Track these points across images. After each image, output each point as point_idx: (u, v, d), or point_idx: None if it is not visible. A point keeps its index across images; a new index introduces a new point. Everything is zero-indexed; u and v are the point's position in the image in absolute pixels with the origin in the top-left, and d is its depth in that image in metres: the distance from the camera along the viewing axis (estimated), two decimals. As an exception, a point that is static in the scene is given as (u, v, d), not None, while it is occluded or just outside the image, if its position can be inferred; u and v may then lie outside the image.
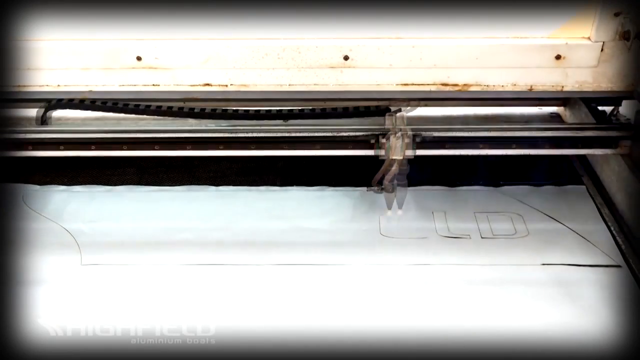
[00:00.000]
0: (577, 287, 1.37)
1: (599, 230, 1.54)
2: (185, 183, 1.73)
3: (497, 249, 1.49)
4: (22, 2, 1.50)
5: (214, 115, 1.61)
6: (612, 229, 1.53)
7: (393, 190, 1.57)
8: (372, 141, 1.51)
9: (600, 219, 1.58)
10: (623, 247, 1.47)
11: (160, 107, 1.62)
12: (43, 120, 1.61)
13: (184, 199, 1.68)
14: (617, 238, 1.50)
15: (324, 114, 1.61)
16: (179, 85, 1.60)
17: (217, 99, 1.71)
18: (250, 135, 1.53)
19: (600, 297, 1.33)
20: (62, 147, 1.53)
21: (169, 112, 1.61)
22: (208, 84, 1.61)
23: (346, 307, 1.32)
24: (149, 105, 1.62)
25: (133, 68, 1.58)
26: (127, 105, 1.61)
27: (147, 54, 1.56)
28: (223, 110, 1.62)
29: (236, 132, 1.53)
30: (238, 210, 1.63)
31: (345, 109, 1.62)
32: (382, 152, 1.50)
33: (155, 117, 1.63)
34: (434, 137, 1.51)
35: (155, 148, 1.53)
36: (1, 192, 1.68)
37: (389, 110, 1.57)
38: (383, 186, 1.56)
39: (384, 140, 1.49)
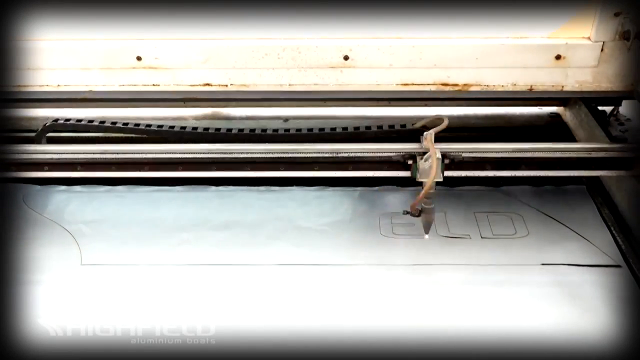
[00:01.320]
0: (577, 287, 1.37)
1: (599, 230, 1.54)
2: (185, 183, 1.73)
3: (497, 249, 1.49)
4: (22, 2, 1.50)
5: (227, 136, 1.56)
6: (612, 229, 1.53)
7: (430, 213, 1.43)
8: (410, 162, 1.42)
9: (600, 219, 1.58)
10: (623, 247, 1.47)
11: (161, 126, 1.58)
12: (39, 141, 1.58)
13: (184, 199, 1.68)
14: (617, 238, 1.50)
15: (352, 134, 1.55)
16: (179, 85, 1.60)
17: (217, 99, 1.72)
18: (274, 155, 1.45)
19: (600, 297, 1.33)
20: (46, 167, 1.47)
21: (166, 133, 1.56)
22: (208, 84, 1.61)
23: (346, 307, 1.32)
24: (141, 125, 1.58)
25: (133, 68, 1.58)
26: (127, 124, 1.58)
27: (147, 54, 1.56)
28: (239, 130, 1.57)
29: (262, 153, 1.45)
30: (238, 210, 1.63)
31: (379, 126, 1.56)
32: (417, 174, 1.41)
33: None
34: (464, 158, 1.43)
35: (146, 169, 1.46)
36: (1, 192, 1.68)
37: (423, 130, 1.47)
38: (420, 209, 1.42)
39: (418, 162, 1.40)
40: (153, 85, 1.61)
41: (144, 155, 1.46)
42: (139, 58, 1.57)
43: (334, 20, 1.53)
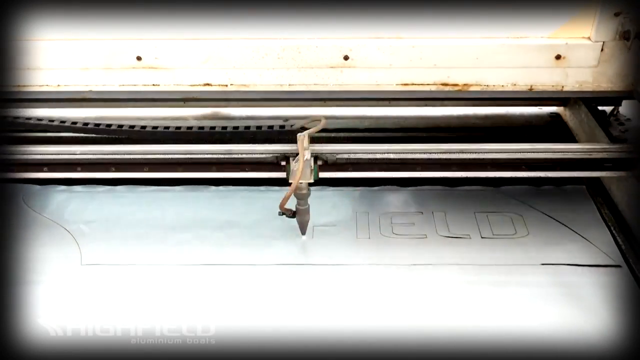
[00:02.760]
0: (577, 287, 1.37)
1: (599, 230, 1.54)
2: (185, 183, 1.73)
3: (497, 249, 1.49)
4: (22, 2, 1.50)
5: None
6: (612, 229, 1.53)
7: (305, 214, 1.49)
8: (283, 163, 1.45)
9: (600, 219, 1.58)
10: (623, 247, 1.47)
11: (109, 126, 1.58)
12: None
13: (184, 199, 1.68)
14: (617, 238, 1.50)
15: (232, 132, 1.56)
16: (179, 85, 1.60)
17: (217, 99, 1.72)
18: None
19: (600, 297, 1.33)
20: (45, 168, 1.50)
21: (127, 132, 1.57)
22: (208, 84, 1.61)
23: (346, 307, 1.32)
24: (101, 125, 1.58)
25: (133, 68, 1.58)
26: (87, 124, 1.58)
27: (147, 54, 1.56)
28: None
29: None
30: (238, 210, 1.63)
31: (259, 127, 1.57)
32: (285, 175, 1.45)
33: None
34: (337, 159, 1.46)
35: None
36: (1, 192, 1.68)
37: (299, 130, 1.47)
38: (295, 210, 1.47)
39: (291, 163, 1.43)
40: (153, 85, 1.61)
41: (144, 156, 1.48)
42: (139, 58, 1.57)
43: (334, 20, 1.53)
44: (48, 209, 1.63)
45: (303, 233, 1.52)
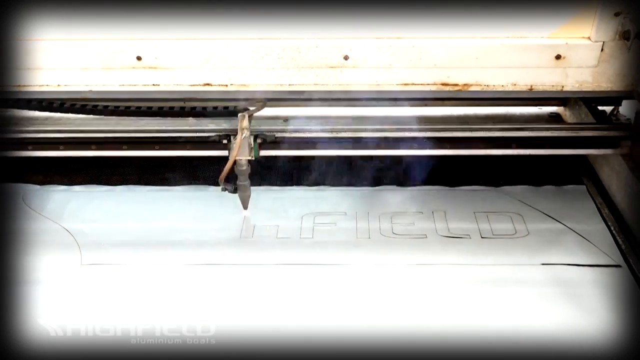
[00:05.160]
0: (577, 287, 1.37)
1: (599, 230, 1.54)
2: (185, 183, 1.73)
3: (497, 249, 1.49)
4: (22, 2, 1.50)
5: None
6: (612, 229, 1.53)
7: (246, 189, 1.58)
8: (225, 141, 1.54)
9: (600, 219, 1.58)
10: (623, 247, 1.47)
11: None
12: None
13: (184, 199, 1.68)
14: (617, 238, 1.50)
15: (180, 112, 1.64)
16: (179, 85, 1.60)
17: (217, 99, 1.71)
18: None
19: (600, 297, 1.33)
20: (61, 147, 1.57)
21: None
22: (208, 84, 1.60)
23: (346, 307, 1.32)
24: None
25: (133, 68, 1.58)
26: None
27: (147, 54, 1.56)
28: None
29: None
30: (238, 210, 1.63)
31: (204, 108, 1.64)
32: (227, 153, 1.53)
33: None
34: (276, 138, 1.55)
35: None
36: (1, 192, 1.68)
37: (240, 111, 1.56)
38: (236, 185, 1.57)
39: (232, 141, 1.52)
40: (153, 85, 1.60)
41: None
42: (139, 58, 1.56)
43: (334, 20, 1.53)
44: (48, 209, 1.63)
45: (245, 208, 1.61)
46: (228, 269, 1.44)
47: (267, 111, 1.79)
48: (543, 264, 1.44)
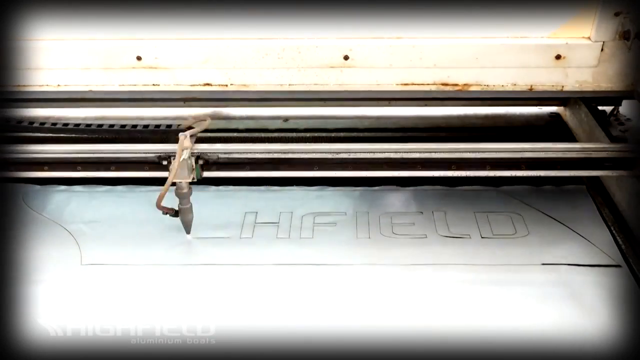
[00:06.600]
0: (577, 287, 1.37)
1: (599, 230, 1.54)
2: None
3: (497, 249, 1.49)
4: (22, 2, 1.50)
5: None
6: (612, 229, 1.53)
7: (188, 213, 1.51)
8: (165, 162, 1.46)
9: (600, 219, 1.58)
10: (623, 247, 1.47)
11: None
12: None
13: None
14: (617, 238, 1.50)
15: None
16: (179, 85, 1.60)
17: (217, 99, 1.72)
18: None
19: (600, 297, 1.33)
20: (46, 167, 1.51)
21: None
22: (208, 84, 1.61)
23: (346, 307, 1.32)
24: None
25: (133, 68, 1.58)
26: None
27: (147, 53, 1.56)
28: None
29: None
30: (238, 210, 1.63)
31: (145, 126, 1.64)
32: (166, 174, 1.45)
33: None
34: (219, 158, 1.47)
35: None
36: (1, 192, 1.68)
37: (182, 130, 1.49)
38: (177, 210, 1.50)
39: (172, 163, 1.44)
40: (153, 85, 1.61)
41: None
42: (139, 58, 1.57)
43: (334, 20, 1.53)
44: (48, 209, 1.63)
45: (187, 232, 1.53)
46: (228, 269, 1.43)
47: (267, 111, 1.80)
48: (543, 264, 1.44)
